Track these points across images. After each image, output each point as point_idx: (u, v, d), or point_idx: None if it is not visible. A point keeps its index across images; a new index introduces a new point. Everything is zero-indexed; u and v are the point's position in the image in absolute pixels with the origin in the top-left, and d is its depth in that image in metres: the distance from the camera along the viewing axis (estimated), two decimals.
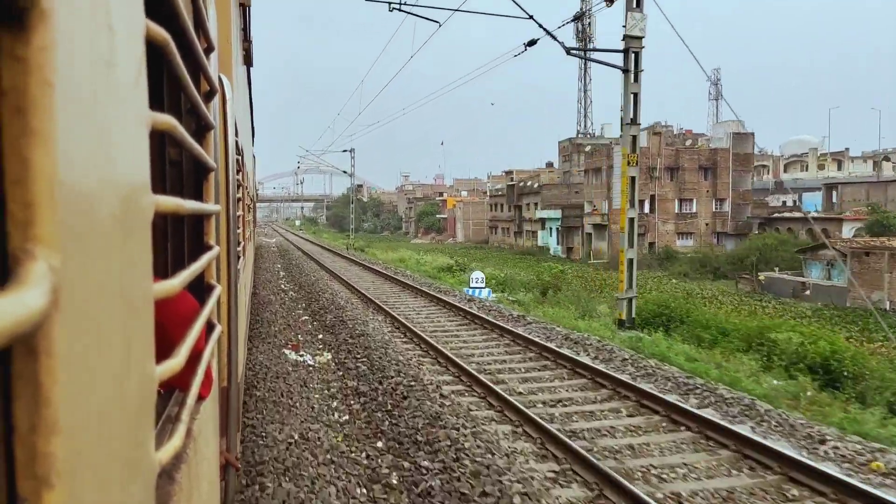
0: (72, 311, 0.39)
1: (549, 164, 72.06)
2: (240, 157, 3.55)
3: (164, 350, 0.74)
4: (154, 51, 0.72)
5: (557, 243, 53.21)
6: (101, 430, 0.45)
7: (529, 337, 10.34)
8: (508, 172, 72.23)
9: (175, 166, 1.41)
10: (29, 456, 0.35)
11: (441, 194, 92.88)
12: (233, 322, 2.06)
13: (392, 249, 42.21)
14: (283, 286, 18.00)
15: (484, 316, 12.50)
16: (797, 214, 43.29)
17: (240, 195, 3.48)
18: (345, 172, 43.34)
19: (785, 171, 66.41)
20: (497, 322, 11.81)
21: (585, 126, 71.80)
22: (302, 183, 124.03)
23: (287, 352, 9.27)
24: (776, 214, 46.94)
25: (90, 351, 0.43)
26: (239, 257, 2.92)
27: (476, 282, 17.71)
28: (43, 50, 0.36)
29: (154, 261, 0.69)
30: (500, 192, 67.84)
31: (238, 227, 2.93)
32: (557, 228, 53.00)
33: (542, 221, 55.15)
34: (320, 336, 11.05)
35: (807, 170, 65.83)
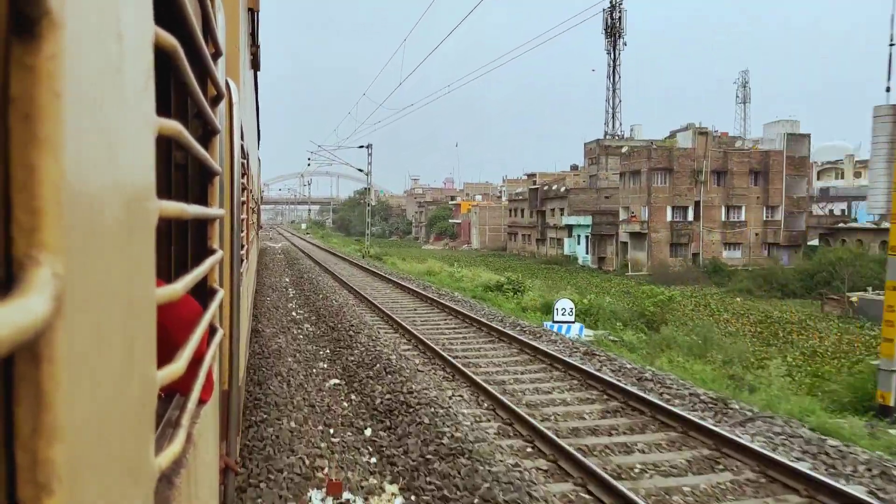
0: (75, 317, 0.41)
1: (574, 167, 71.49)
2: (245, 161, 3.64)
3: (165, 353, 0.78)
4: (162, 57, 0.76)
5: (587, 252, 52.66)
6: (101, 436, 0.48)
7: (790, 464, 5.92)
8: (531, 175, 71.98)
9: (180, 169, 1.47)
10: (30, 461, 0.37)
11: (453, 198, 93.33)
12: (235, 325, 2.13)
13: (413, 258, 41.21)
14: (294, 314, 14.98)
15: (644, 396, 8.00)
16: (867, 225, 41.84)
17: (244, 198, 3.57)
18: (360, 170, 43.79)
19: (818, 178, 64.73)
20: (679, 412, 7.38)
21: (613, 127, 71.05)
22: (309, 184, 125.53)
23: (316, 497, 5.23)
24: (840, 224, 45.49)
25: (92, 356, 0.46)
26: (242, 260, 3.00)
27: (563, 313, 14.64)
28: (52, 59, 0.38)
29: (157, 264, 0.73)
30: (520, 197, 67.51)
31: (242, 231, 3.01)
32: (587, 236, 52.46)
33: (569, 228, 54.67)
34: (368, 432, 6.84)
35: (843, 177, 64.13)
